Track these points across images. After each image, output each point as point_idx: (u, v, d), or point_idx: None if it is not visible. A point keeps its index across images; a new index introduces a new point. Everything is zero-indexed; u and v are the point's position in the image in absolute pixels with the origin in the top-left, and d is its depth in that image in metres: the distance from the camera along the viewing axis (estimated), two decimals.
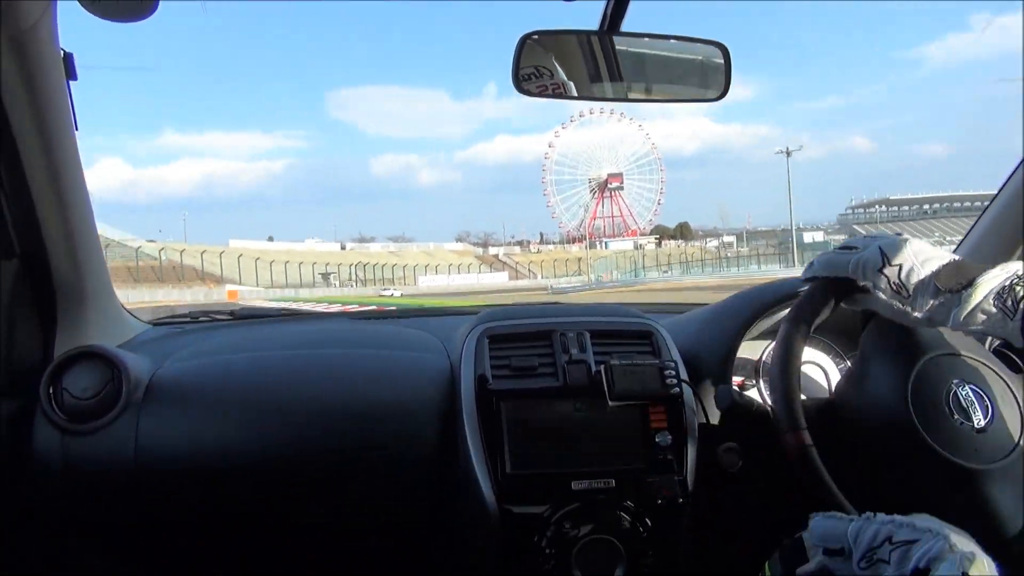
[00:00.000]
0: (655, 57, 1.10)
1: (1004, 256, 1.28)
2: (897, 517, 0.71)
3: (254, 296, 38.76)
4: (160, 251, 46.82)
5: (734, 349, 1.12)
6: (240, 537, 1.19)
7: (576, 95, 1.11)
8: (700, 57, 1.11)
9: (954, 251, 1.41)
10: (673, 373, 1.07)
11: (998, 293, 0.78)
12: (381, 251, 71.29)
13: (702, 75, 1.11)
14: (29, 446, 1.06)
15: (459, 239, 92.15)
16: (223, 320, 1.54)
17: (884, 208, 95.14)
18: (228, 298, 35.84)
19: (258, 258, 49.04)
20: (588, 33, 1.06)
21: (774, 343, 0.93)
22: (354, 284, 53.72)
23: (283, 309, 1.59)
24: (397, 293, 42.34)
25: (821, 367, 1.14)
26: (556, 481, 1.01)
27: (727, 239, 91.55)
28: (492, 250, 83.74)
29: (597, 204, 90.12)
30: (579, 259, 70.39)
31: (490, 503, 1.00)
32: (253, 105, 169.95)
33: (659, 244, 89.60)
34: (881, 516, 0.72)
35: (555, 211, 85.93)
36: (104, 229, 45.97)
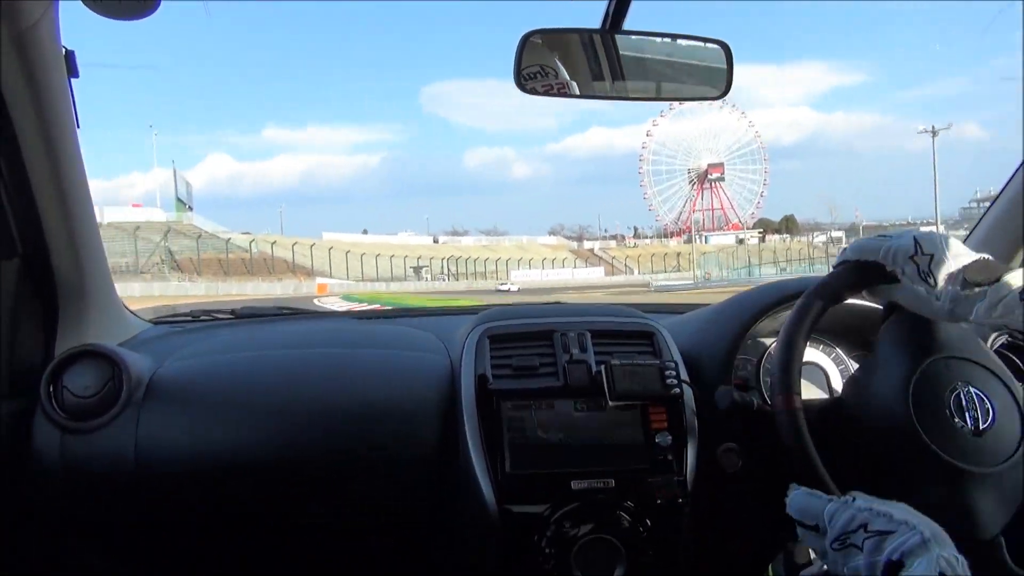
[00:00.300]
0: (657, 56, 1.10)
1: (1006, 257, 1.28)
2: (875, 504, 0.73)
3: (344, 289, 37.03)
4: (251, 243, 44.22)
5: (735, 350, 1.12)
6: (240, 537, 1.19)
7: (578, 94, 1.10)
8: (702, 56, 1.10)
9: (966, 239, 1.41)
10: (673, 373, 1.07)
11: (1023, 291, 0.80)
12: (474, 244, 67.08)
13: (704, 73, 1.11)
14: (29, 444, 1.06)
15: (553, 232, 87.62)
16: (224, 319, 1.54)
17: None
18: (318, 291, 34.42)
19: (349, 251, 46.62)
20: (590, 31, 1.06)
21: (776, 342, 0.93)
22: (446, 277, 51.43)
23: (284, 308, 1.60)
24: (514, 288, 38.66)
25: (822, 368, 1.13)
26: (556, 481, 1.01)
27: (835, 234, 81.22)
28: (587, 244, 78.38)
29: (697, 196, 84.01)
30: (678, 254, 67.10)
31: (490, 503, 1.00)
32: (350, 99, 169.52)
33: (762, 239, 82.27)
34: (859, 502, 0.74)
35: (652, 203, 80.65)
36: (198, 220, 45.58)
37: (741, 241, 78.75)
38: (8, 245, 1.06)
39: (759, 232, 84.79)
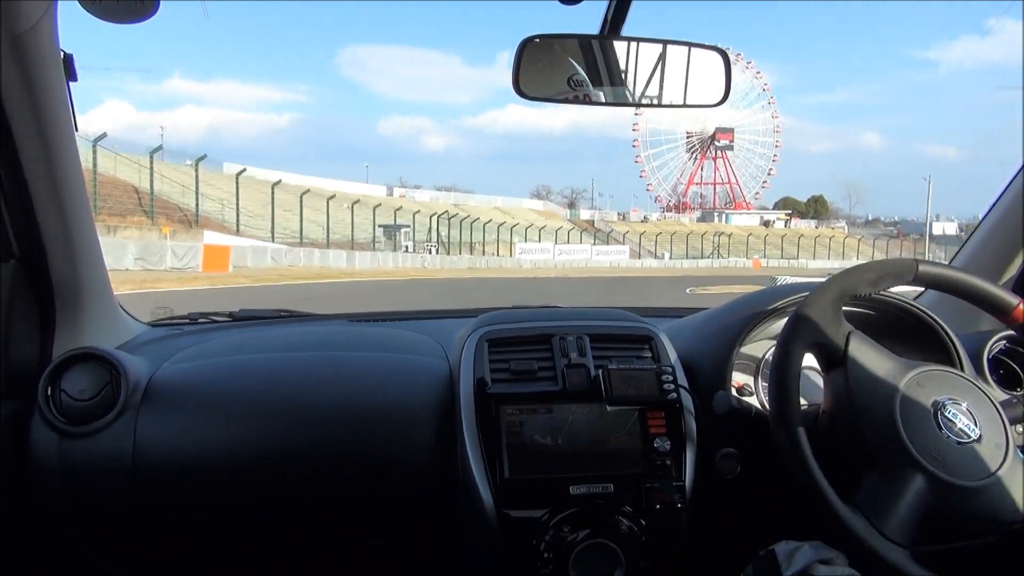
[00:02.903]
0: (655, 62, 1.10)
1: (1002, 265, 1.28)
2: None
3: (266, 257, 21.83)
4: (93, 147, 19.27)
5: (733, 355, 1.12)
6: (239, 539, 1.19)
7: (576, 99, 1.10)
8: (700, 62, 1.11)
9: (951, 260, 1.42)
10: (671, 378, 1.07)
11: None
12: (442, 202, 50.14)
13: (702, 80, 1.11)
14: (27, 448, 1.06)
15: (537, 196, 73.34)
16: (221, 322, 1.54)
17: None
18: (204, 263, 18.13)
19: (277, 183, 27.26)
20: (589, 37, 1.06)
21: (774, 347, 0.93)
22: (433, 248, 35.89)
23: (282, 310, 1.61)
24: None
25: (817, 371, 1.14)
26: (554, 485, 1.01)
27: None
28: (583, 214, 64.82)
29: (698, 166, 71.62)
30: (703, 235, 54.50)
31: (488, 507, 1.00)
32: (262, 55, 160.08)
33: (788, 222, 71.14)
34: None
35: (650, 180, 69.07)
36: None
37: (767, 223, 68.35)
38: (5, 247, 1.06)
39: (786, 214, 74.31)
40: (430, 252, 35.27)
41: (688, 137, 70.93)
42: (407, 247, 35.10)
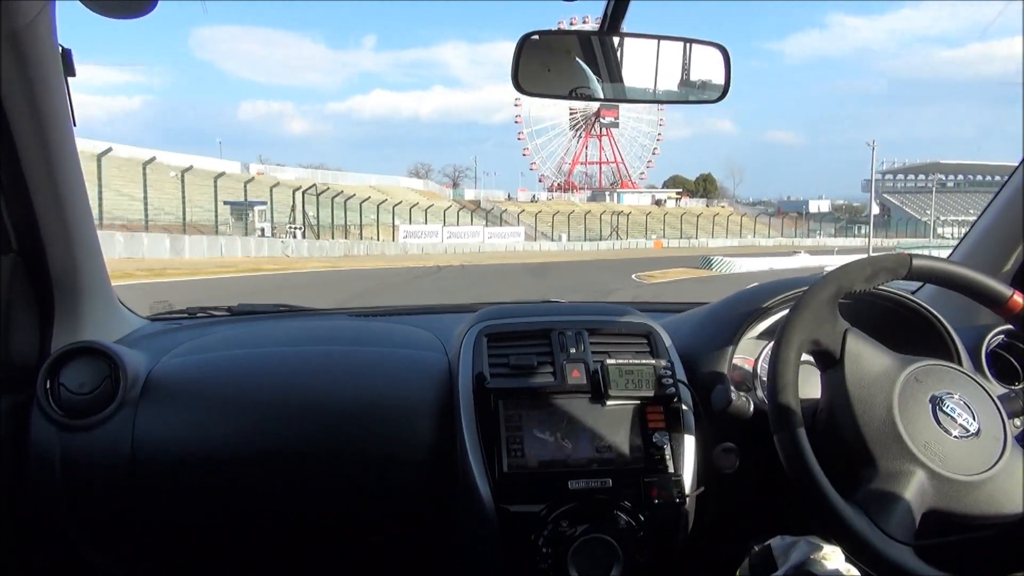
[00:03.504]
0: (654, 58, 1.11)
1: (1002, 259, 1.29)
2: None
3: None
4: None
5: (732, 350, 1.12)
6: (238, 534, 1.18)
7: (576, 95, 1.11)
8: (700, 58, 1.11)
9: (951, 255, 1.41)
10: (670, 373, 1.08)
11: None
12: (308, 179, 40.57)
13: (702, 76, 1.12)
14: (26, 441, 1.06)
15: (416, 174, 65.74)
16: (220, 316, 1.53)
17: (923, 176, 77.43)
18: None
19: (107, 152, 19.56)
20: (588, 33, 1.06)
21: (771, 347, 0.93)
22: (298, 232, 28.08)
23: (281, 305, 1.60)
24: None
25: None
26: (553, 480, 1.02)
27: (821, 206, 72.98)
28: (468, 194, 59.12)
29: (583, 145, 69.16)
30: (600, 214, 48.32)
31: (487, 502, 1.00)
32: (108, 35, 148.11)
33: (679, 200, 67.94)
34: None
35: (533, 159, 66.21)
36: None
37: (659, 202, 64.73)
38: (3, 241, 1.06)
39: (676, 193, 71.51)
40: (294, 236, 27.68)
41: (572, 114, 67.58)
42: (262, 230, 26.89)
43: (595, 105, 63.89)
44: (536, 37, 1.06)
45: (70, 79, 1.02)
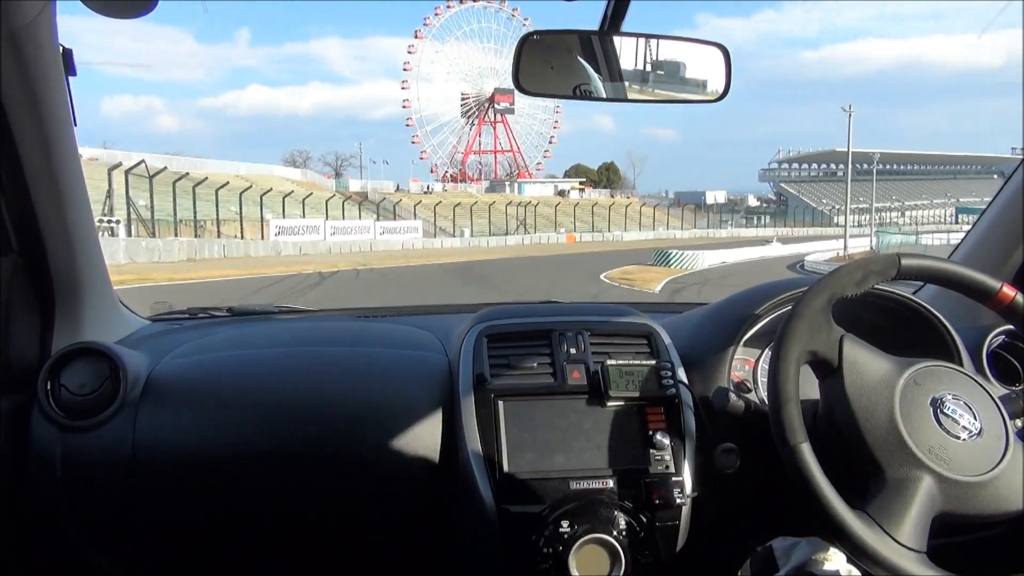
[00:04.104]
0: (655, 58, 1.11)
1: (1002, 258, 1.29)
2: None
3: None
4: None
5: (732, 350, 1.12)
6: (238, 534, 1.18)
7: (576, 95, 1.11)
8: (700, 58, 1.12)
9: (951, 254, 1.41)
10: (670, 374, 1.08)
11: None
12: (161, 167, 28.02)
13: (702, 76, 1.12)
14: (27, 442, 1.06)
15: (292, 163, 59.53)
16: (220, 317, 1.53)
17: (816, 165, 77.64)
18: None
19: None
20: (589, 33, 1.06)
21: (775, 337, 0.93)
22: (122, 226, 22.27)
23: (281, 306, 1.61)
24: None
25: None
26: (554, 481, 1.02)
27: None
28: (354, 185, 52.79)
29: (476, 133, 64.49)
30: (505, 207, 45.03)
31: (488, 502, 1.00)
32: None
33: (582, 191, 64.25)
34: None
35: (424, 147, 61.21)
36: None
37: (563, 193, 60.17)
38: (4, 242, 1.06)
39: (580, 183, 67.66)
40: (112, 233, 20.85)
41: (464, 99, 62.69)
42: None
43: (488, 89, 61.51)
44: (536, 37, 1.07)
45: (71, 78, 1.01)
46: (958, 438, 0.85)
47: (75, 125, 1.05)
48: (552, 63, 1.07)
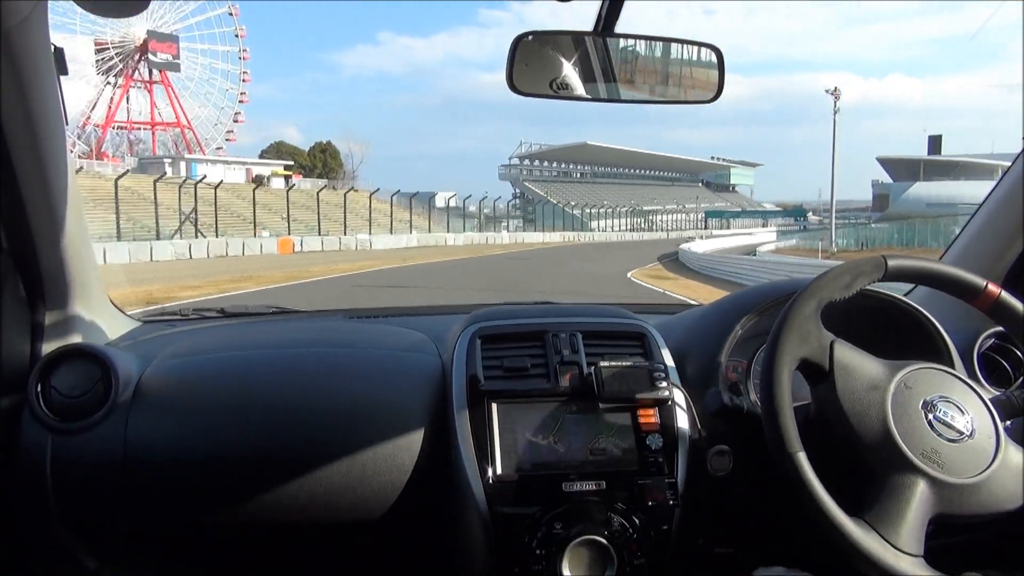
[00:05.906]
0: (649, 58, 1.12)
1: (995, 259, 1.29)
2: None
3: None
4: None
5: (725, 352, 1.12)
6: (232, 536, 1.18)
7: (570, 96, 1.11)
8: (694, 59, 1.12)
9: (942, 256, 1.40)
10: (664, 376, 1.08)
11: None
12: None
13: (695, 77, 1.13)
14: (18, 445, 1.05)
15: None
16: (212, 317, 1.52)
17: (554, 164, 69.21)
18: None
19: None
20: (583, 34, 1.06)
21: (765, 345, 0.93)
22: None
23: (274, 307, 1.61)
24: None
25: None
26: (547, 482, 1.02)
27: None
28: None
29: (123, 94, 46.80)
30: (172, 197, 28.43)
31: (480, 504, 1.00)
32: None
33: (289, 179, 45.45)
34: None
35: None
36: None
37: (260, 180, 43.02)
38: None
39: (285, 167, 49.84)
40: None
41: (100, 49, 43.51)
42: None
43: (140, 32, 44.76)
44: (530, 38, 1.06)
45: (62, 77, 1.01)
46: (950, 440, 0.86)
47: (66, 124, 1.04)
48: (546, 64, 1.08)
